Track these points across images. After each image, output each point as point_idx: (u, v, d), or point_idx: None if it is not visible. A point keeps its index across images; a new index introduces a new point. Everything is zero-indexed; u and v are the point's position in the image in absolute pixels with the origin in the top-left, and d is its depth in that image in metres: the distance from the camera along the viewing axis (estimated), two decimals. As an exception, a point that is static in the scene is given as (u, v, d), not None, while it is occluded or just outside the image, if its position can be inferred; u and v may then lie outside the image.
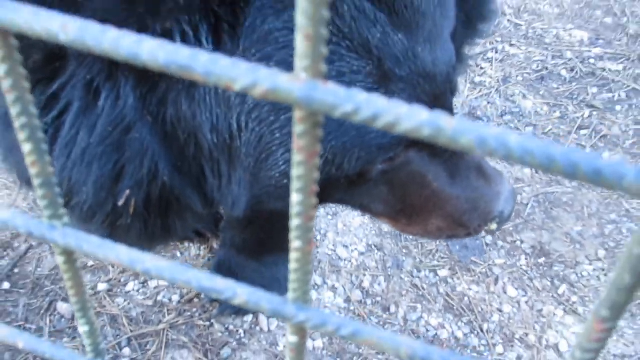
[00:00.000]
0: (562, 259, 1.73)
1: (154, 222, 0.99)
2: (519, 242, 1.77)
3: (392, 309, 1.61)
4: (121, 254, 0.30)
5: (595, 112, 2.19)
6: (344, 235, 1.80)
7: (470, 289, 1.66)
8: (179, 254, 1.74)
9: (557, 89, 2.30)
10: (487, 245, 1.77)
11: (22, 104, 0.27)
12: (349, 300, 1.63)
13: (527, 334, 1.57)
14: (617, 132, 2.12)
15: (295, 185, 0.24)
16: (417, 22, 0.88)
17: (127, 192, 0.91)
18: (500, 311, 1.62)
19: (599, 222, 1.83)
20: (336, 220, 1.82)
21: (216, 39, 0.82)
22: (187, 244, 1.73)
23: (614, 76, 2.33)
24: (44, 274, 1.64)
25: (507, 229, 1.79)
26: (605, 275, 1.69)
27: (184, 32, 0.80)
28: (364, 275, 1.70)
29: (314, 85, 0.21)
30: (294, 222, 0.26)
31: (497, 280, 1.68)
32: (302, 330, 0.29)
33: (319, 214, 1.81)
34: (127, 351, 1.49)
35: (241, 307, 1.59)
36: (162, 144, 0.90)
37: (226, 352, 1.51)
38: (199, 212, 1.02)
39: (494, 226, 1.09)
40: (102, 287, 1.61)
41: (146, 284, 1.64)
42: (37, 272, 1.65)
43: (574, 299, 1.63)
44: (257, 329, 1.56)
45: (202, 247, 1.74)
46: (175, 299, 1.61)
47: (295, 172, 0.24)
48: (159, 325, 1.54)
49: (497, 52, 2.44)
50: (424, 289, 1.66)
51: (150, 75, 0.82)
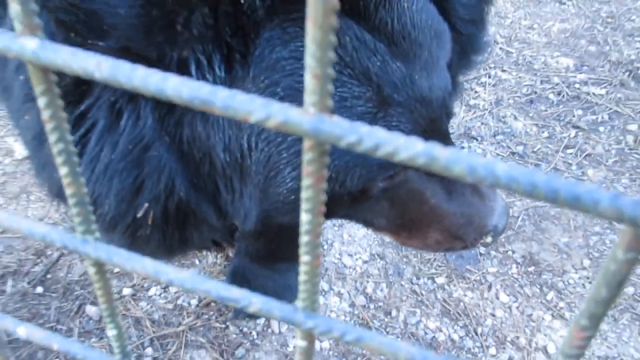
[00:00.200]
0: (550, 268, 1.75)
1: (172, 233, 1.00)
2: (510, 252, 1.79)
3: (393, 313, 1.63)
4: (147, 265, 0.30)
5: (580, 133, 2.21)
6: (349, 245, 1.81)
7: (465, 295, 1.68)
8: (197, 261, 1.74)
9: (545, 111, 2.32)
10: (481, 254, 1.79)
11: (59, 132, 0.27)
12: (353, 304, 1.65)
13: (517, 337, 1.58)
14: (601, 150, 2.14)
15: (304, 206, 0.25)
16: (414, 52, 0.90)
17: (146, 205, 0.92)
18: (493, 316, 1.63)
19: (584, 234, 1.85)
20: (342, 231, 1.83)
21: (228, 67, 0.84)
22: (205, 253, 1.73)
23: (597, 100, 2.35)
24: (74, 279, 1.67)
25: (500, 239, 1.77)
26: (589, 283, 1.70)
27: (198, 61, 0.81)
28: (368, 281, 1.72)
29: (321, 118, 0.22)
30: (303, 239, 0.26)
31: (490, 287, 1.70)
32: (311, 335, 0.30)
33: (326, 225, 1.78)
34: (149, 351, 1.52)
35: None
36: (179, 162, 0.91)
37: (240, 352, 1.53)
38: (214, 224, 1.03)
39: (489, 239, 1.11)
40: (126, 291, 1.64)
41: (167, 289, 1.67)
42: (67, 278, 1.68)
43: (561, 304, 1.65)
44: (269, 330, 1.58)
45: (218, 256, 1.75)
46: (193, 302, 1.63)
47: (304, 194, 0.24)
48: (178, 327, 1.57)
49: (490, 77, 2.47)
50: (422, 295, 1.68)
51: None
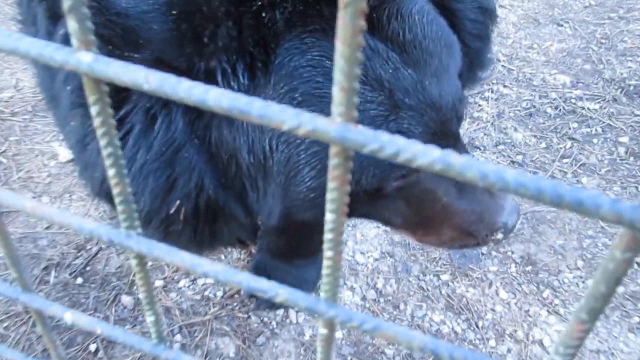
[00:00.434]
0: (546, 268, 1.80)
1: (202, 229, 1.03)
2: (509, 253, 1.84)
3: (401, 306, 1.69)
4: (185, 258, 0.31)
5: (575, 144, 2.27)
6: (361, 243, 1.86)
7: (467, 291, 1.73)
8: (222, 257, 1.80)
9: (543, 123, 2.38)
10: (482, 254, 1.83)
11: (109, 137, 0.28)
12: (364, 298, 1.70)
13: (515, 331, 1.63)
14: (594, 161, 2.20)
15: (329, 206, 0.25)
16: (425, 60, 0.92)
17: (178, 202, 0.95)
18: (493, 310, 1.68)
19: (578, 237, 1.89)
20: (355, 231, 1.88)
21: (251, 75, 0.86)
22: (230, 249, 1.79)
23: (591, 114, 2.41)
24: (111, 271, 1.74)
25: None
26: (583, 282, 1.75)
27: (224, 70, 0.84)
28: (378, 277, 1.77)
29: (347, 127, 0.22)
30: (327, 236, 0.27)
31: (490, 284, 1.75)
32: (332, 324, 0.31)
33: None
34: (178, 337, 1.59)
35: (275, 303, 1.65)
36: (208, 163, 0.94)
37: (261, 340, 1.60)
38: (242, 221, 1.06)
39: (500, 236, 1.11)
40: (158, 283, 1.71)
41: (195, 282, 1.72)
42: (105, 270, 1.74)
43: (556, 301, 1.70)
44: (287, 321, 1.64)
45: (242, 252, 1.81)
46: (219, 294, 1.69)
47: (329, 195, 0.25)
48: (205, 316, 1.63)
49: (492, 92, 2.54)
50: (428, 290, 1.73)
51: None
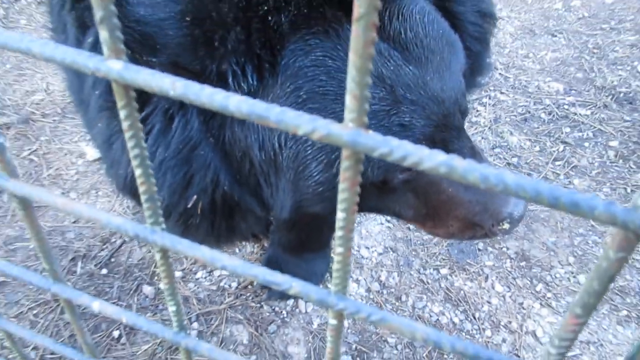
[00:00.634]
0: (539, 263, 1.85)
1: (219, 223, 1.05)
2: (505, 249, 1.90)
3: (403, 298, 1.74)
4: (205, 253, 0.31)
5: (567, 147, 2.32)
6: (366, 239, 1.92)
7: (465, 285, 1.78)
8: (237, 250, 1.87)
9: (538, 128, 2.43)
10: (479, 250, 1.89)
11: (136, 139, 0.28)
12: (369, 290, 1.75)
13: (510, 322, 1.68)
14: (585, 163, 2.25)
15: (340, 205, 0.26)
16: (426, 57, 0.93)
17: (195, 196, 0.97)
18: (489, 303, 1.73)
19: (570, 235, 1.94)
20: (360, 227, 1.94)
21: (259, 76, 0.89)
22: (244, 243, 1.85)
23: (583, 119, 2.47)
24: (134, 263, 1.80)
25: (495, 237, 1.84)
26: (574, 277, 1.81)
27: (234, 72, 0.87)
28: (382, 271, 1.81)
29: (358, 132, 0.23)
30: (338, 233, 0.27)
31: (487, 278, 1.80)
32: (341, 315, 0.31)
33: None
34: (195, 325, 1.65)
35: (285, 294, 1.73)
36: (223, 160, 0.96)
37: (272, 328, 1.65)
38: (258, 214, 1.09)
39: (507, 226, 1.10)
40: (177, 274, 1.78)
41: (212, 273, 1.78)
42: (128, 262, 1.80)
43: (549, 295, 1.75)
44: (297, 310, 1.70)
45: (255, 246, 1.87)
46: (233, 285, 1.76)
47: (340, 195, 0.26)
48: (220, 305, 1.69)
49: (490, 98, 2.60)
50: (428, 283, 1.78)
51: None
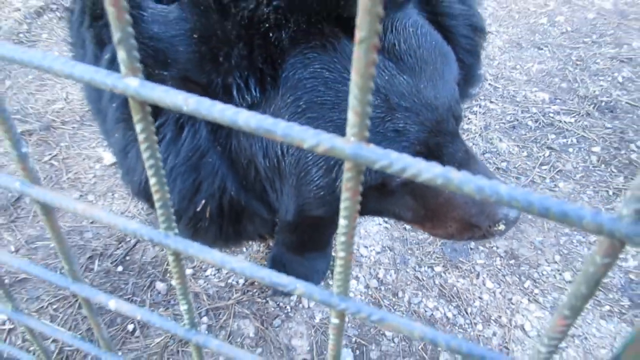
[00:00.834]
0: (527, 261, 1.89)
1: (227, 227, 1.07)
2: (495, 248, 1.95)
3: (400, 294, 1.77)
4: (215, 256, 0.32)
5: (553, 153, 2.37)
6: (365, 238, 1.96)
7: (458, 281, 1.82)
8: (244, 249, 1.90)
9: (525, 135, 2.48)
10: (471, 249, 1.93)
11: (151, 151, 0.30)
12: (367, 286, 1.78)
13: (500, 317, 1.72)
14: (570, 167, 2.30)
15: (342, 213, 0.27)
16: (420, 67, 0.94)
17: (203, 201, 0.99)
18: (480, 298, 1.77)
19: (556, 234, 1.99)
20: (359, 227, 1.98)
21: (262, 88, 0.90)
22: (251, 243, 1.88)
23: (567, 126, 2.52)
24: (148, 260, 1.84)
25: (493, 238, 1.82)
26: (560, 274, 1.84)
27: (239, 85, 0.88)
28: (379, 268, 1.85)
29: (360, 146, 0.24)
30: (341, 239, 0.29)
31: (478, 275, 1.84)
32: (343, 315, 0.32)
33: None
34: (205, 319, 1.68)
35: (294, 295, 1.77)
36: (229, 168, 0.97)
37: (277, 322, 1.69)
38: (265, 217, 1.11)
39: (502, 227, 1.11)
40: (188, 271, 1.81)
41: (220, 271, 1.81)
42: (142, 259, 1.84)
43: (536, 291, 1.79)
44: (300, 305, 1.74)
45: (261, 245, 1.91)
46: (241, 282, 1.79)
47: (343, 204, 0.27)
48: (229, 300, 1.72)
49: (480, 107, 2.66)
50: (423, 280, 1.81)
51: None
